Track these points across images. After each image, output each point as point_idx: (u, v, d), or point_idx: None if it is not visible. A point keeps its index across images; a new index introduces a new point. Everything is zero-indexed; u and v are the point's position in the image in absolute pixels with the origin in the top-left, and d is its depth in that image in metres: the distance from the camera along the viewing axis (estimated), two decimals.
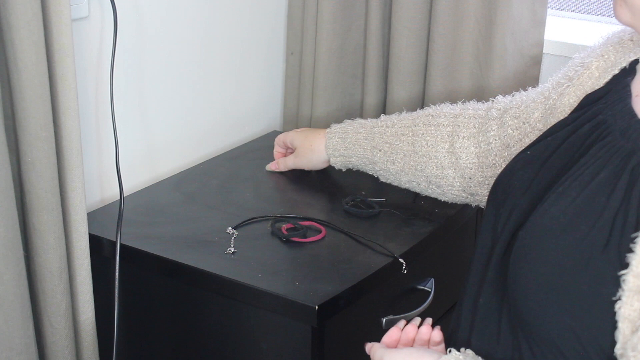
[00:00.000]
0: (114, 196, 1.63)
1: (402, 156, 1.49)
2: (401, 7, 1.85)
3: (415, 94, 1.92)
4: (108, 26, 1.54)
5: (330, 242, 1.47)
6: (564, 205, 0.90)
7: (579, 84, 1.14)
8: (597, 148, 0.93)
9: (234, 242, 1.46)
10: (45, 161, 1.29)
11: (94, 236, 1.46)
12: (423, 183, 1.50)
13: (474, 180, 1.43)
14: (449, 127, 1.46)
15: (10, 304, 1.26)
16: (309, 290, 1.32)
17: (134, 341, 1.54)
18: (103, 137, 1.61)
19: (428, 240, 1.51)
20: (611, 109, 0.96)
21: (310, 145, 1.65)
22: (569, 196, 0.91)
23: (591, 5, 1.97)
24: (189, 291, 1.44)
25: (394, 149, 1.50)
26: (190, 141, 1.84)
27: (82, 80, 1.51)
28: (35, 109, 1.26)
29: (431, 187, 1.50)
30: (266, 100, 2.06)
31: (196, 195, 1.66)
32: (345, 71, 1.99)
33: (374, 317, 1.45)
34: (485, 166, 1.40)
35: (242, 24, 1.91)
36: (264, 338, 1.37)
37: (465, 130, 1.44)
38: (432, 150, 1.46)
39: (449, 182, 1.46)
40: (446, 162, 1.45)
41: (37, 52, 1.24)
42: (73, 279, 1.42)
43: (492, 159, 1.39)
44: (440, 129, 1.47)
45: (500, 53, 1.78)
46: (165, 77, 1.74)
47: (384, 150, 1.52)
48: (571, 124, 1.00)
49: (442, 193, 1.50)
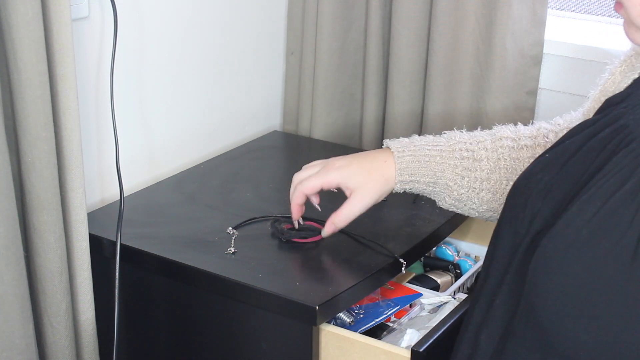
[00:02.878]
0: (114, 196, 1.63)
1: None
2: (401, 7, 1.85)
3: (415, 94, 1.92)
4: (108, 26, 1.54)
5: (330, 242, 1.47)
6: (588, 215, 0.89)
7: (603, 90, 1.14)
8: (622, 155, 0.91)
9: (234, 242, 1.46)
10: (45, 161, 1.29)
11: (94, 236, 1.46)
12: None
13: None
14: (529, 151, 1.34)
15: (10, 304, 1.26)
16: (309, 290, 1.32)
17: (134, 341, 1.54)
18: (103, 137, 1.61)
19: (428, 240, 1.51)
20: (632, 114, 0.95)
21: (381, 176, 1.34)
22: (594, 206, 0.89)
23: (591, 5, 1.97)
24: (189, 291, 1.44)
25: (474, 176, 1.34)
26: (190, 141, 1.84)
27: (82, 80, 1.51)
28: (35, 109, 1.26)
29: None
30: (266, 100, 2.06)
31: (196, 195, 1.66)
32: (345, 71, 1.99)
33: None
34: None
35: (242, 24, 1.91)
36: (264, 338, 1.37)
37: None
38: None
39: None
40: None
41: (37, 52, 1.24)
42: (73, 279, 1.42)
43: None
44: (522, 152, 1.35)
45: (500, 53, 1.78)
46: (165, 77, 1.74)
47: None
48: (591, 127, 0.99)
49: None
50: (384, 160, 1.33)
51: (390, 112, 1.93)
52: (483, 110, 1.83)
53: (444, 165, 1.32)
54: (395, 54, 1.89)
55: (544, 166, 1.00)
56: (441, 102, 1.88)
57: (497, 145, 1.32)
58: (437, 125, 1.88)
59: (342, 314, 1.38)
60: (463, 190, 1.32)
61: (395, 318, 1.46)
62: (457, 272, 1.65)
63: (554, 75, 1.84)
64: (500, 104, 1.81)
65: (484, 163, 1.31)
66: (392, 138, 1.38)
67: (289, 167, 1.91)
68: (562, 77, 1.83)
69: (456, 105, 1.86)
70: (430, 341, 1.28)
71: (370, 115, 1.97)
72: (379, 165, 1.33)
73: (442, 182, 1.32)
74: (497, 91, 1.81)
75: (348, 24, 1.95)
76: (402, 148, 1.33)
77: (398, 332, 1.42)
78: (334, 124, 2.02)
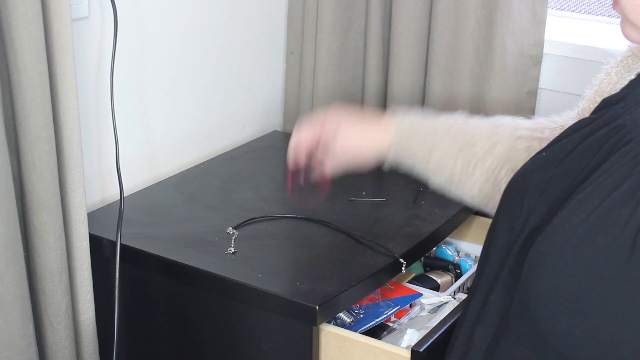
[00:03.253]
0: (114, 196, 1.63)
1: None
2: (401, 7, 1.85)
3: (416, 94, 1.92)
4: (108, 26, 1.54)
5: (330, 242, 1.47)
6: (585, 214, 0.89)
7: (599, 90, 1.14)
8: (620, 154, 0.92)
9: (234, 242, 1.46)
10: (46, 161, 1.29)
11: (94, 236, 1.46)
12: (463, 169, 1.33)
13: None
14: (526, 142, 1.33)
15: (11, 304, 1.26)
16: (309, 290, 1.32)
17: (134, 341, 1.54)
18: (103, 137, 1.61)
19: (428, 240, 1.51)
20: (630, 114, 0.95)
21: (376, 135, 1.33)
22: (591, 204, 0.89)
23: (591, 5, 1.97)
24: (189, 291, 1.44)
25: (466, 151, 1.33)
26: (190, 141, 1.84)
27: (82, 80, 1.51)
28: (35, 109, 1.26)
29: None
30: (266, 100, 2.06)
31: (196, 195, 1.66)
32: (345, 71, 1.99)
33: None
34: None
35: (242, 24, 1.91)
36: (264, 338, 1.37)
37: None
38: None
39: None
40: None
41: (37, 52, 1.24)
42: (73, 279, 1.42)
43: None
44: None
45: (500, 53, 1.78)
46: (165, 77, 1.74)
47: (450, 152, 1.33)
48: (588, 126, 0.99)
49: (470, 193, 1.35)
50: (384, 125, 1.32)
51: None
52: (483, 110, 1.83)
53: (439, 141, 1.30)
54: (395, 54, 1.89)
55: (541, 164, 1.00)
56: (441, 102, 1.88)
57: (495, 131, 1.31)
58: None
59: (342, 314, 1.39)
60: (457, 170, 1.30)
61: (395, 318, 1.46)
62: (457, 272, 1.65)
63: (554, 75, 1.84)
64: (500, 104, 1.81)
65: (480, 144, 1.29)
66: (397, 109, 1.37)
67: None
68: (562, 77, 1.83)
69: (456, 105, 1.86)
70: (430, 341, 1.28)
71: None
72: (377, 126, 1.33)
73: (435, 157, 1.30)
74: (497, 91, 1.81)
75: (348, 24, 1.95)
76: (402, 120, 1.33)
77: (398, 332, 1.42)
78: None
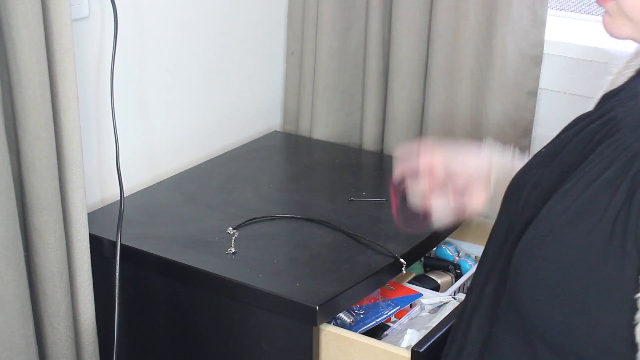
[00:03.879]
0: (114, 196, 1.63)
1: None
2: (401, 7, 1.85)
3: (416, 94, 1.92)
4: (108, 26, 1.54)
5: (330, 242, 1.47)
6: (568, 202, 0.91)
7: (602, 88, 1.15)
8: (605, 145, 0.93)
9: (234, 242, 1.46)
10: (46, 161, 1.29)
11: (94, 236, 1.46)
12: None
13: None
14: None
15: (10, 304, 1.26)
16: (309, 290, 1.32)
17: (134, 341, 1.54)
18: (103, 137, 1.61)
19: (428, 241, 1.51)
20: (622, 106, 0.96)
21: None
22: (575, 193, 0.92)
23: (591, 5, 1.97)
24: (189, 291, 1.44)
25: None
26: (190, 141, 1.84)
27: (82, 80, 1.51)
28: (35, 109, 1.26)
29: None
30: (266, 100, 2.06)
31: (196, 196, 1.66)
32: (345, 71, 1.99)
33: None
34: None
35: (242, 24, 1.91)
36: (264, 338, 1.37)
37: None
38: None
39: None
40: None
41: (37, 52, 1.24)
42: (73, 279, 1.42)
43: None
44: None
45: (500, 53, 1.78)
46: (165, 77, 1.74)
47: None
48: (584, 120, 1.01)
49: None
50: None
51: (391, 113, 1.93)
52: (483, 111, 1.83)
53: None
54: (396, 54, 1.89)
55: (540, 160, 1.02)
56: (441, 102, 1.88)
57: None
58: (437, 125, 1.88)
59: (342, 314, 1.39)
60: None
61: (395, 318, 1.46)
62: (457, 272, 1.65)
63: (554, 76, 1.84)
64: (500, 104, 1.81)
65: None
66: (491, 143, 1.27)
67: (289, 167, 1.92)
68: (562, 77, 1.83)
69: (456, 106, 1.86)
70: (430, 341, 1.28)
71: (370, 116, 1.97)
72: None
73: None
74: (497, 91, 1.81)
75: (348, 24, 1.95)
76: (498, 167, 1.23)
77: (398, 332, 1.42)
78: (334, 124, 2.02)
